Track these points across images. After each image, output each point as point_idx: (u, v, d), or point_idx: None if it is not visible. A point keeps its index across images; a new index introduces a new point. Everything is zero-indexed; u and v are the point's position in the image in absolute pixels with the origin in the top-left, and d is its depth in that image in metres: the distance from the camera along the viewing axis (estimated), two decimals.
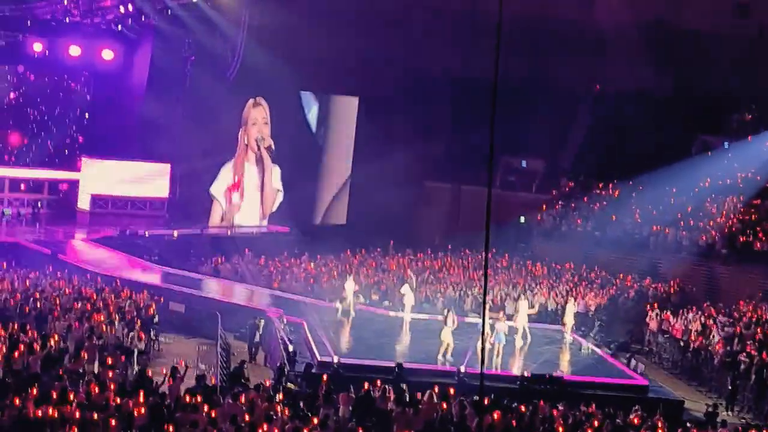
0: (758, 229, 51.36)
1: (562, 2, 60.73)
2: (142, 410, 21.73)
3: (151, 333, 33.77)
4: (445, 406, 25.48)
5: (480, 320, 32.47)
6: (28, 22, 51.19)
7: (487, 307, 34.29)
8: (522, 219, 59.21)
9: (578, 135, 63.19)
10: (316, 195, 61.22)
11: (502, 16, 13.71)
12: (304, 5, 50.74)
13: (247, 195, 57.49)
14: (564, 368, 34.11)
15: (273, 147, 57.55)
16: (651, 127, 59.00)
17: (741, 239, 50.83)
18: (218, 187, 56.43)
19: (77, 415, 20.89)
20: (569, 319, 38.04)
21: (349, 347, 33.79)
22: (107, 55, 53.21)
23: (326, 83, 57.20)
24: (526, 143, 61.17)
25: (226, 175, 56.65)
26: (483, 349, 17.19)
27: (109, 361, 26.86)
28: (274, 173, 58.42)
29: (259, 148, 57.40)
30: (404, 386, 27.01)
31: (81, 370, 25.67)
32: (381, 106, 57.71)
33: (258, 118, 57.31)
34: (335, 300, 40.07)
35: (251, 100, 56.79)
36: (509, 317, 35.74)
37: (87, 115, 55.89)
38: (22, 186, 54.62)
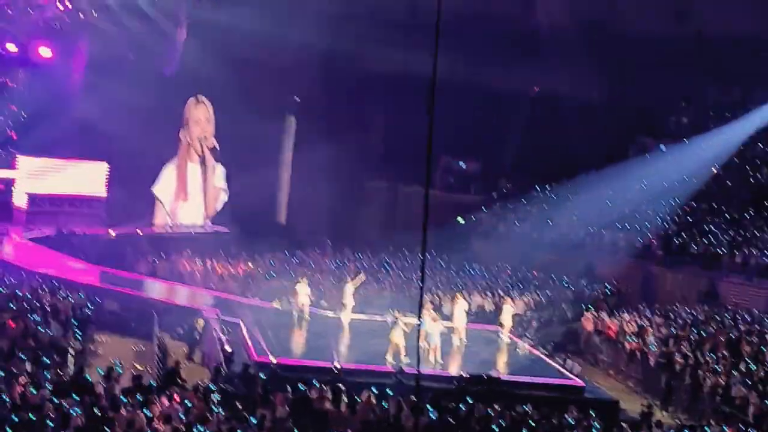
0: (694, 231, 51.97)
1: (503, 2, 60.96)
2: (78, 410, 21.57)
3: (87, 333, 33.53)
4: (382, 406, 25.52)
5: (416, 321, 32.67)
6: None
7: (425, 308, 34.38)
8: (460, 219, 59.40)
9: (516, 137, 63.46)
10: (257, 195, 60.90)
11: (441, 14, 13.74)
12: (242, 2, 50.57)
13: (190, 195, 57.25)
14: (501, 368, 34.24)
15: (217, 146, 57.34)
16: (589, 129, 59.41)
17: (676, 241, 51.38)
18: (161, 187, 56.18)
19: (12, 415, 20.73)
20: (507, 320, 38.16)
21: (287, 348, 33.65)
22: (45, 52, 52.70)
23: (263, 83, 56.88)
24: (464, 144, 61.42)
25: (168, 175, 56.43)
26: (419, 350, 17.20)
27: (45, 360, 26.66)
28: (218, 172, 58.24)
29: (202, 148, 57.17)
30: (342, 387, 27.02)
31: (15, 370, 25.40)
32: (319, 105, 57.66)
33: (200, 116, 57.14)
34: (275, 300, 40.10)
35: (192, 99, 56.60)
36: (446, 318, 35.83)
37: (24, 113, 55.34)
38: None
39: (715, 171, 56.65)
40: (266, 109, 59.52)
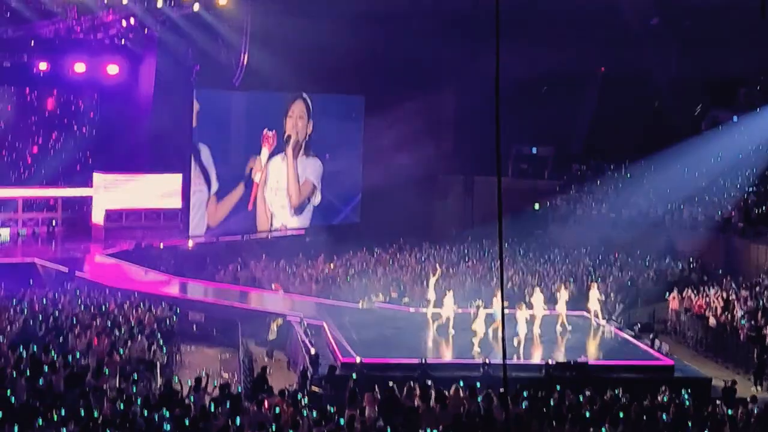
0: None
1: None
2: (169, 423, 21.66)
3: (173, 345, 33.73)
4: (471, 399, 25.37)
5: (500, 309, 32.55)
6: (32, 42, 51.14)
7: (505, 296, 34.09)
8: (536, 206, 59.11)
9: (587, 118, 62.96)
10: (333, 195, 60.96)
11: (499, 5, 13.63)
12: (305, 6, 50.61)
13: (279, 189, 57.72)
14: (588, 354, 34.02)
15: (296, 141, 57.61)
16: (659, 105, 58.77)
17: (756, 211, 50.78)
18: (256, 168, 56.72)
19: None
20: (593, 304, 37.62)
21: (372, 347, 33.49)
22: (112, 69, 53.17)
23: (331, 83, 56.92)
24: (536, 130, 61.02)
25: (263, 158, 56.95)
26: (503, 339, 17.06)
27: (133, 375, 26.85)
28: (309, 167, 58.61)
29: (287, 143, 57.88)
30: (429, 382, 26.93)
31: (104, 387, 25.59)
32: (387, 103, 57.51)
33: (294, 110, 57.70)
34: (360, 300, 40.20)
35: (290, 95, 57.42)
36: (529, 306, 35.43)
37: (95, 131, 55.90)
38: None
39: None
40: (336, 110, 59.69)
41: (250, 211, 56.90)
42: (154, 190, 54.35)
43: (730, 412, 25.26)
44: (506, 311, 19.76)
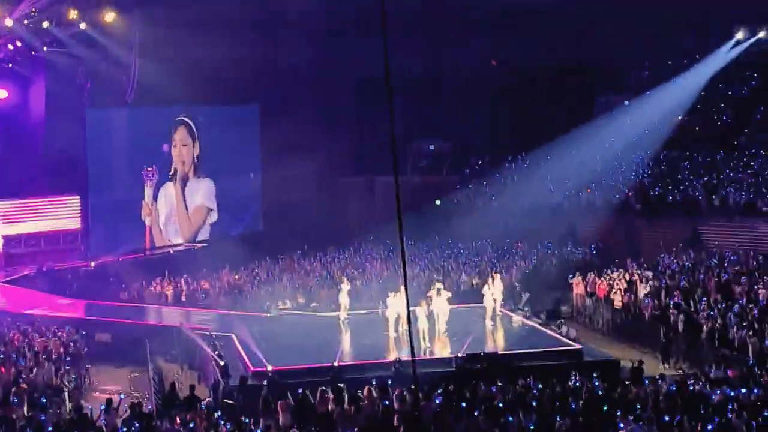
0: (668, 180, 52.12)
1: None
2: None
3: (81, 368, 33.32)
4: (385, 399, 25.39)
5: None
6: None
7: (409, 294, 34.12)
8: (437, 202, 59.21)
9: (482, 113, 63.27)
10: (229, 206, 60.47)
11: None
12: (194, 17, 50.12)
13: (172, 216, 57.10)
14: (498, 344, 34.25)
15: (183, 172, 57.07)
16: (551, 94, 59.26)
17: (653, 192, 51.51)
18: (145, 212, 56.00)
19: None
20: (498, 295, 37.88)
21: (282, 355, 33.34)
22: (1, 94, 52.37)
23: (225, 93, 56.50)
24: (432, 127, 61.27)
25: (150, 198, 56.31)
26: (411, 337, 17.13)
27: (42, 402, 26.46)
28: (200, 191, 58.01)
29: (181, 168, 57.26)
30: (342, 385, 26.91)
31: (13, 416, 25.19)
32: (283, 109, 57.29)
33: (177, 139, 57.11)
34: (270, 308, 40.21)
35: (175, 121, 56.81)
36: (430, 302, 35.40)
37: None
38: None
39: (680, 118, 56.91)
40: (229, 121, 59.23)
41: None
42: (52, 214, 53.58)
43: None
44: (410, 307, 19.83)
